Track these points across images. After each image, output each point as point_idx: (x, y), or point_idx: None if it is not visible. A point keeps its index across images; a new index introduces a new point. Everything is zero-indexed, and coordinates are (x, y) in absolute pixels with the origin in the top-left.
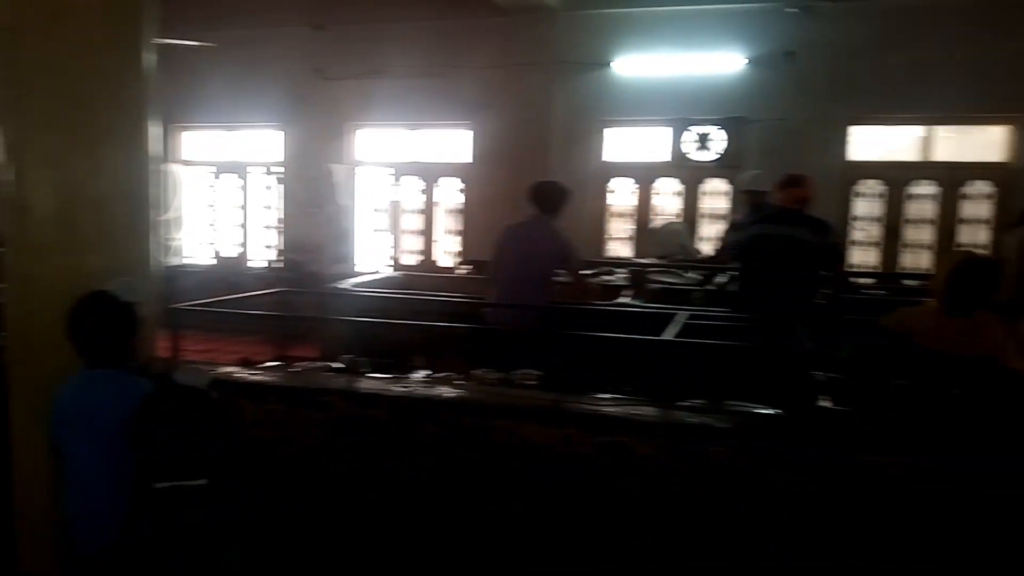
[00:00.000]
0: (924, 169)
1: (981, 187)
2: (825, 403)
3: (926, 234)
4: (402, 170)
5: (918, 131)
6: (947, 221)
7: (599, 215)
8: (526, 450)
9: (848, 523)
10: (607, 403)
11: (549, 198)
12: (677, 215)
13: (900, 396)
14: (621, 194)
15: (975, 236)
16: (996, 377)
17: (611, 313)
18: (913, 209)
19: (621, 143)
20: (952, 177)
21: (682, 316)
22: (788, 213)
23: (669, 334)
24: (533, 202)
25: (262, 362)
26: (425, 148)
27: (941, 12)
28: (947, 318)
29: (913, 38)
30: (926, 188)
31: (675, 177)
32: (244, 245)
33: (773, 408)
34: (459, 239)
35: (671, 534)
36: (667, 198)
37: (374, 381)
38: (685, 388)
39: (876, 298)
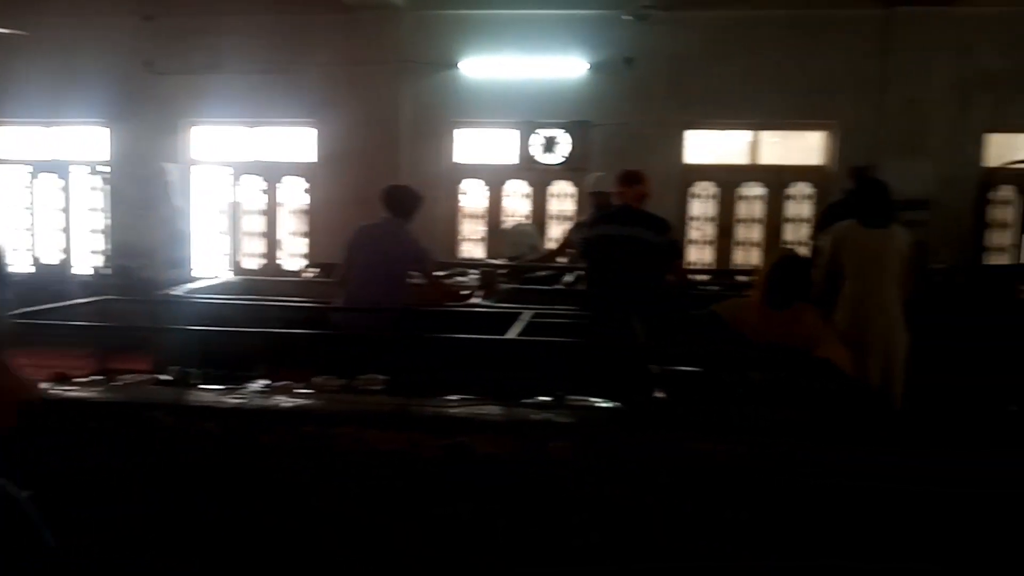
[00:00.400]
0: (752, 172)
1: (803, 188)
2: (660, 394)
3: (755, 232)
4: (242, 169)
5: (747, 136)
6: (773, 220)
7: (451, 216)
8: (370, 456)
9: (689, 511)
10: (453, 405)
11: (402, 202)
12: (527, 216)
13: (731, 386)
14: (473, 195)
15: (798, 233)
16: (810, 365)
17: (461, 314)
18: (743, 209)
19: (471, 145)
20: (777, 179)
21: (527, 315)
22: (629, 212)
23: (513, 333)
24: (386, 206)
25: (80, 376)
26: (267, 147)
27: (765, 25)
28: (769, 310)
29: (741, 48)
30: (754, 189)
31: (523, 179)
32: (67, 251)
33: (612, 401)
34: (305, 241)
35: (526, 532)
36: (517, 200)
37: (206, 393)
38: (530, 386)
39: (711, 293)
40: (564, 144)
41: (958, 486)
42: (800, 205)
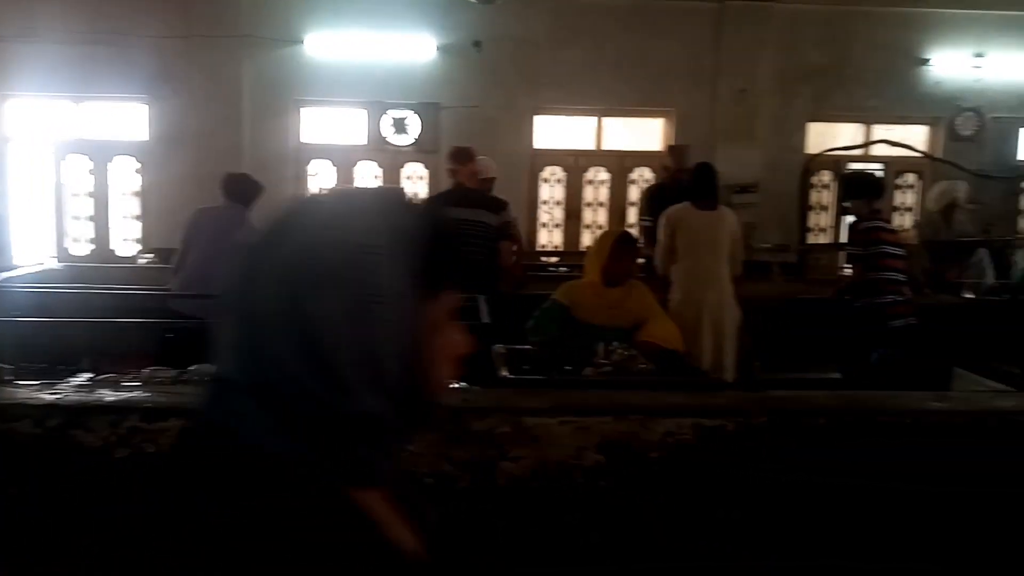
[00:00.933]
0: (598, 157)
1: (645, 172)
2: (505, 373)
3: (602, 216)
4: (67, 148)
5: (593, 121)
6: (618, 203)
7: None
8: None
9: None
10: None
11: (242, 190)
12: None
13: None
14: (322, 177)
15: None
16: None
17: None
18: (590, 193)
19: (319, 124)
20: (621, 164)
21: None
22: (467, 193)
23: None
24: (226, 194)
25: None
26: (94, 124)
27: (608, 13)
28: (603, 288)
29: (586, 35)
30: (600, 174)
31: (374, 160)
32: None
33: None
34: (138, 225)
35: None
36: (369, 181)
37: (19, 389)
38: None
39: (560, 274)
40: (414, 125)
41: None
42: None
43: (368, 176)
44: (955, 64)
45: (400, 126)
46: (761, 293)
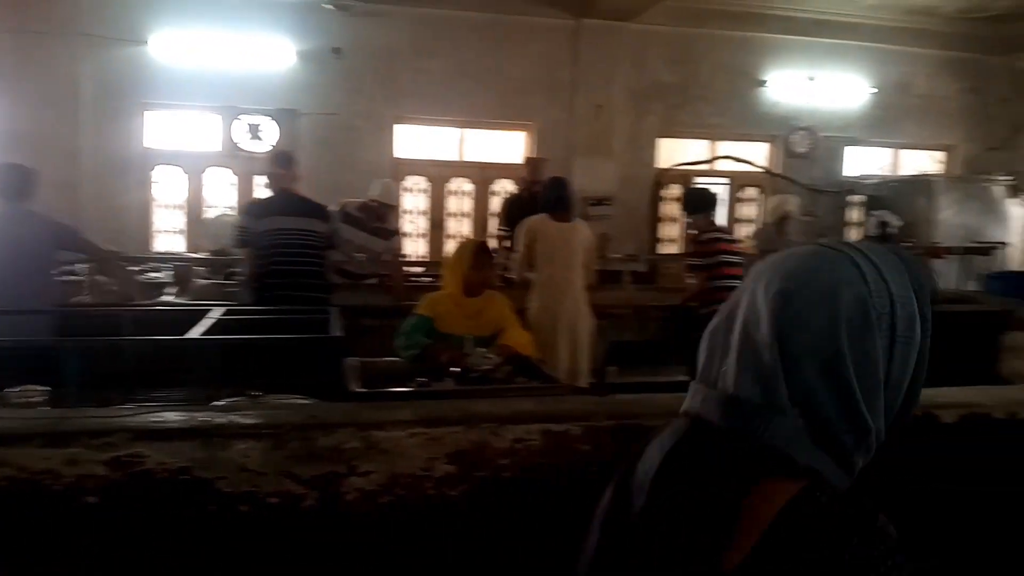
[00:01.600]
0: (460, 168)
1: (507, 184)
2: (356, 386)
3: (465, 226)
4: None
5: (455, 132)
6: (481, 214)
7: (143, 206)
8: (17, 482)
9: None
10: (126, 413)
11: (11, 182)
12: (231, 207)
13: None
14: (170, 184)
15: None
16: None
17: (143, 314)
18: (453, 204)
19: (168, 129)
20: (483, 175)
21: (217, 312)
22: (293, 200)
23: (197, 331)
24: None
25: None
26: None
27: (468, 26)
28: (462, 298)
29: (447, 46)
30: (463, 185)
31: (228, 167)
32: None
33: (307, 397)
34: None
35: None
36: (221, 189)
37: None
38: (217, 386)
39: (425, 284)
40: (270, 132)
41: None
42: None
43: (220, 183)
44: (790, 86)
45: (255, 132)
46: (614, 301)
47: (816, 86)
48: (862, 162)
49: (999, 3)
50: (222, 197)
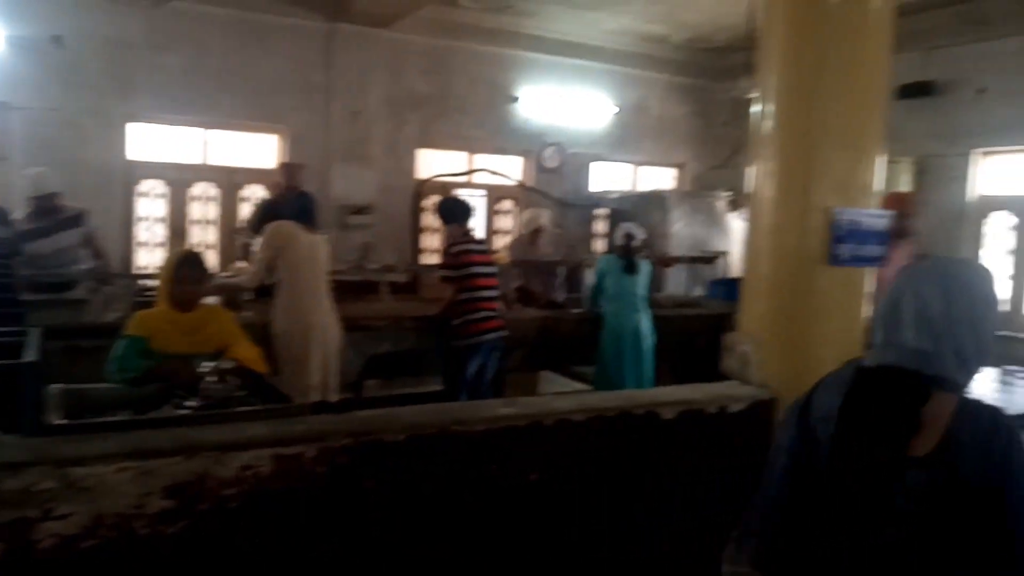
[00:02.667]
0: (205, 172)
1: (258, 190)
2: (56, 417)
3: (212, 234)
4: None
5: (199, 134)
6: (229, 222)
7: None
8: None
9: None
10: None
11: None
12: None
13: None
14: None
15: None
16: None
17: None
18: (197, 210)
19: None
20: (231, 180)
21: None
22: None
23: None
24: None
25: None
26: None
27: (213, 21)
28: (179, 314)
29: (188, 42)
30: (209, 190)
31: None
32: None
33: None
34: None
35: None
36: None
37: None
38: None
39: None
40: None
41: None
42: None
43: None
44: (541, 103)
45: None
46: (371, 312)
47: (564, 104)
48: (606, 177)
49: (720, 36)
50: None
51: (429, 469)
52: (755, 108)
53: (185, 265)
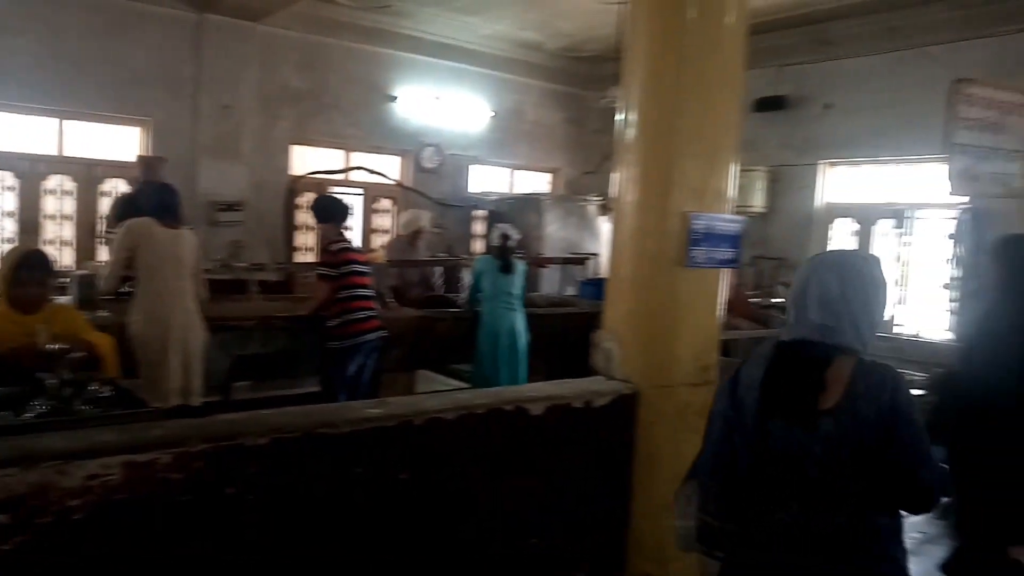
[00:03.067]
0: (60, 164)
1: (119, 184)
2: None
3: (68, 230)
4: None
5: (53, 123)
6: (87, 217)
7: None
8: None
9: None
10: None
11: None
12: None
13: None
14: None
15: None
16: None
17: None
18: (52, 204)
19: None
20: (90, 173)
21: None
22: None
23: None
24: None
25: None
26: None
27: (64, 4)
28: (19, 316)
29: (40, 25)
30: (65, 183)
31: None
32: None
33: None
34: None
35: None
36: None
37: None
38: None
39: None
40: None
41: None
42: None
43: None
44: (419, 104)
45: None
46: (239, 312)
47: (443, 106)
48: (484, 179)
49: (592, 45)
50: None
51: (296, 473)
52: (619, 116)
53: (24, 267)
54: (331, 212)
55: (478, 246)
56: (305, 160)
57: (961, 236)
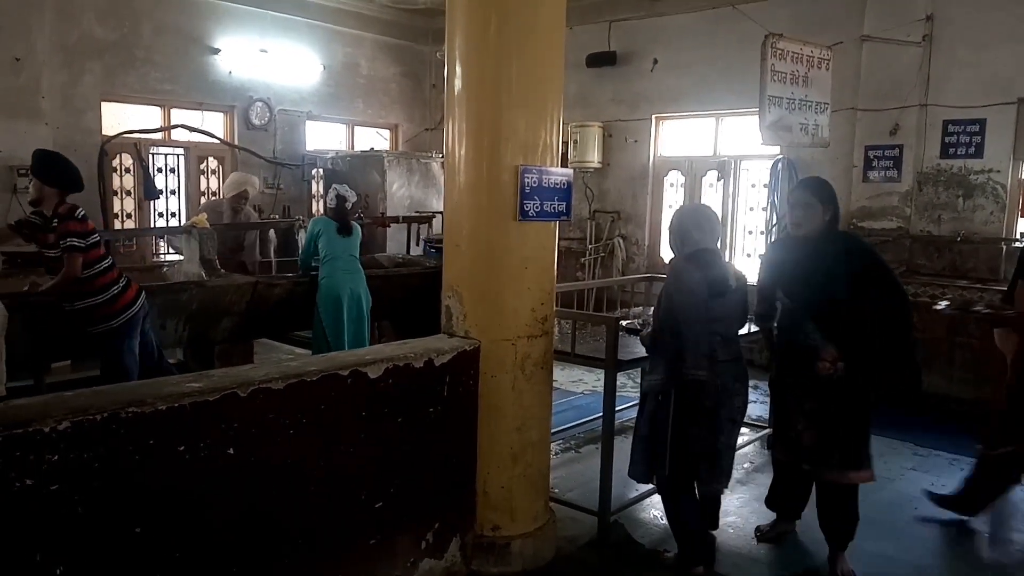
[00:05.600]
0: None
1: None
2: None
3: None
4: None
5: None
6: None
7: None
8: None
9: None
10: None
11: None
12: None
13: None
14: None
15: None
16: None
17: None
18: None
19: None
20: None
21: None
22: None
23: None
24: None
25: None
26: None
27: None
28: None
29: None
30: None
31: None
32: None
33: None
34: None
35: None
36: None
37: None
38: None
39: None
40: None
41: None
42: None
43: None
44: (244, 56)
45: None
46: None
47: (270, 59)
48: (321, 136)
49: None
50: None
51: (104, 458)
52: (447, 70)
53: None
54: (60, 176)
55: (318, 207)
56: (119, 119)
57: (775, 184)
